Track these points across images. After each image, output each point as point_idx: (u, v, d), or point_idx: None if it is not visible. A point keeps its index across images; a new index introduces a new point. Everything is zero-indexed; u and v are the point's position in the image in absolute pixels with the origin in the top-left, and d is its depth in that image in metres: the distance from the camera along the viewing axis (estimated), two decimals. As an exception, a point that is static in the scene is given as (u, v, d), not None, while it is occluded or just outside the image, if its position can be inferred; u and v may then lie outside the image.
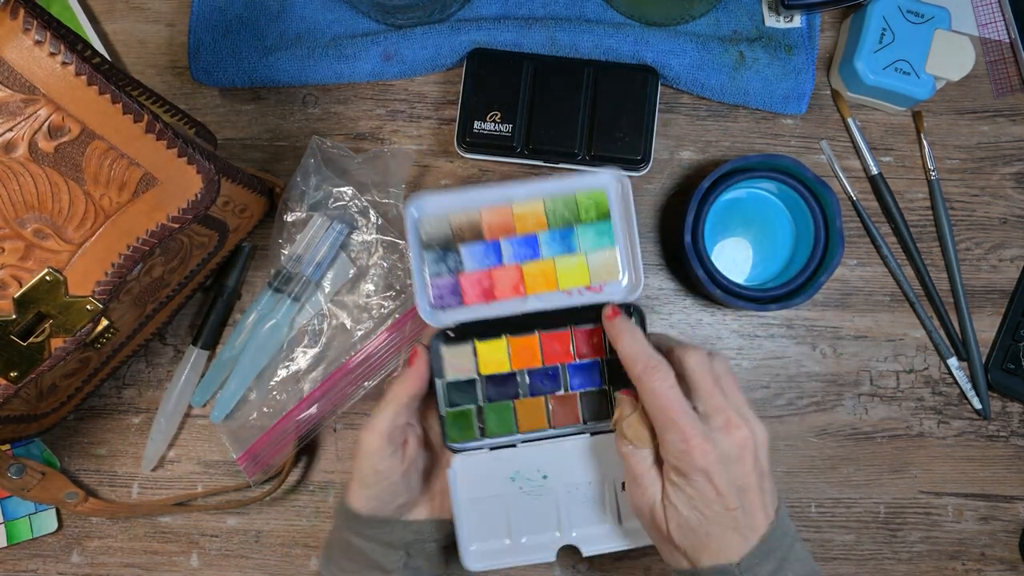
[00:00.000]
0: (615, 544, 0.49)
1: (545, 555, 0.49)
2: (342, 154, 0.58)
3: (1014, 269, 0.60)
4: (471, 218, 0.48)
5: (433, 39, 0.59)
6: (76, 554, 0.59)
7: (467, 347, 0.49)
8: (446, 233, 0.48)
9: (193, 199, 0.42)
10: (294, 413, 0.57)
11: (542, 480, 0.49)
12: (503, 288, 0.49)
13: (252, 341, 0.57)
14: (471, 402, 0.49)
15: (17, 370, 0.43)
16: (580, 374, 0.49)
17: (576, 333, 0.49)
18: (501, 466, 0.49)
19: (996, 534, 0.59)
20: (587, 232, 0.49)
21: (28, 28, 0.37)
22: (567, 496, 0.49)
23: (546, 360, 0.50)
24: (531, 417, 0.49)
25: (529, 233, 0.49)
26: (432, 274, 0.48)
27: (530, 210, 0.49)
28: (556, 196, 0.48)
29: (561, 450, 0.49)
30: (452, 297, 0.48)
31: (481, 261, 0.49)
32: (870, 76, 0.56)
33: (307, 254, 0.57)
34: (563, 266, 0.49)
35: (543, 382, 0.49)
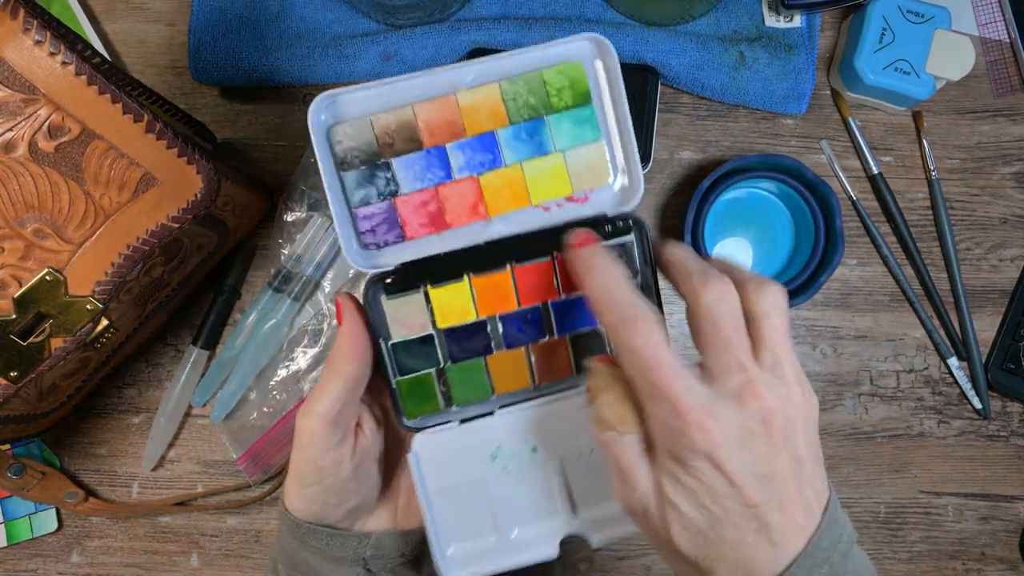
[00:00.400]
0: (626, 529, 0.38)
1: (544, 551, 0.38)
2: (342, 154, 0.58)
3: (1014, 269, 0.60)
4: (402, 118, 0.36)
5: (433, 39, 0.59)
6: (76, 554, 0.59)
7: (416, 296, 0.37)
8: (370, 142, 0.36)
9: (193, 199, 0.42)
10: (294, 413, 0.57)
11: (531, 454, 0.38)
12: (456, 211, 0.37)
13: (252, 341, 0.57)
14: (429, 365, 0.38)
15: (17, 370, 0.43)
16: (568, 313, 0.38)
17: (560, 261, 0.38)
18: (477, 442, 0.38)
19: (996, 534, 0.59)
20: (562, 123, 0.37)
21: (28, 28, 0.37)
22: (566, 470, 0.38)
23: (523, 301, 0.38)
24: (509, 375, 0.38)
25: (484, 132, 0.37)
26: (358, 202, 0.36)
27: (482, 99, 0.36)
28: (515, 77, 0.36)
29: (551, 413, 0.38)
30: (388, 230, 0.36)
31: (422, 177, 0.37)
32: (870, 76, 0.56)
33: (307, 254, 0.57)
34: (534, 172, 0.37)
35: (521, 329, 0.38)
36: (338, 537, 0.38)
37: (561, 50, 0.36)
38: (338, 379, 0.35)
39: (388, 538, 0.39)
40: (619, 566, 0.59)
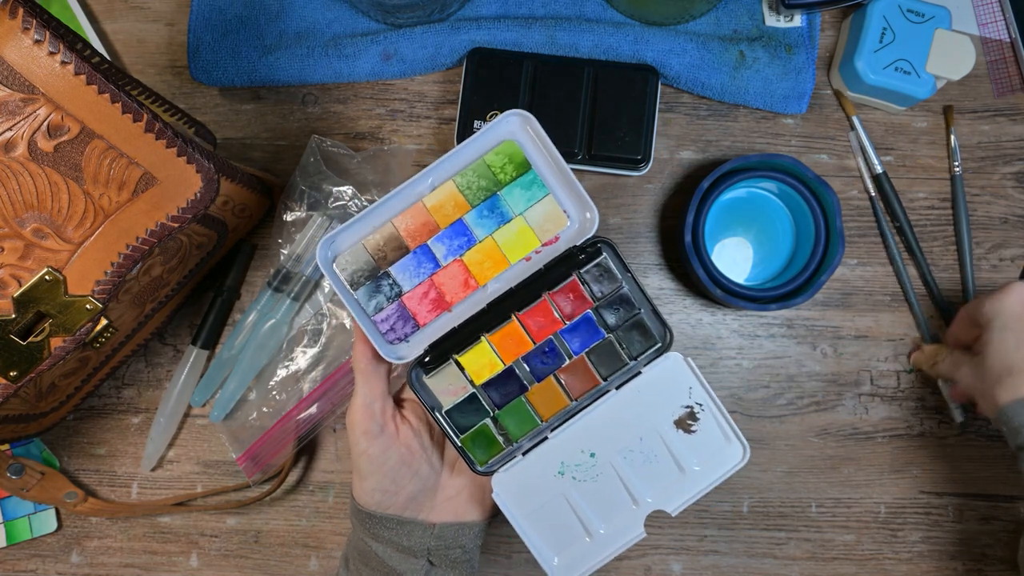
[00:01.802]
0: (694, 491, 0.45)
1: (633, 534, 0.44)
2: (342, 152, 0.58)
3: (1014, 269, 0.60)
4: (386, 234, 0.43)
5: (433, 38, 0.59)
6: (75, 554, 0.59)
7: (450, 367, 0.45)
8: (367, 262, 0.43)
9: (192, 198, 0.42)
10: (294, 413, 0.57)
11: (591, 460, 0.45)
12: (454, 290, 0.44)
13: (252, 341, 0.57)
14: (482, 417, 0.45)
15: (16, 369, 0.43)
16: (577, 335, 0.45)
17: (554, 297, 0.45)
18: (543, 465, 0.45)
19: (996, 534, 0.59)
20: (513, 192, 0.43)
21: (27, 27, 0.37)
22: (624, 464, 0.45)
23: (536, 338, 0.45)
24: (549, 401, 0.45)
25: (454, 221, 0.44)
26: (373, 310, 0.44)
27: (444, 197, 0.43)
28: (465, 169, 0.43)
29: (596, 420, 0.45)
30: (404, 324, 0.44)
31: (417, 273, 0.44)
32: (870, 75, 0.56)
33: (307, 253, 0.57)
34: (504, 238, 0.44)
35: (544, 361, 0.45)
36: (405, 525, 0.44)
37: (493, 134, 0.43)
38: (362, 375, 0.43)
39: (449, 530, 0.44)
40: (619, 566, 0.59)
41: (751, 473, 0.59)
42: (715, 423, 0.45)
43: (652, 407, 0.45)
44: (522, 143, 0.43)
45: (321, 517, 0.59)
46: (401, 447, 0.43)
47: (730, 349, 0.60)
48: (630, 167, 0.58)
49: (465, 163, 0.43)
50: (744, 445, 0.45)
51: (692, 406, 0.45)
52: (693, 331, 0.60)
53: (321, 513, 0.59)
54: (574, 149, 0.57)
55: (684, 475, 0.45)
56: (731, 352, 0.60)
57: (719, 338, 0.60)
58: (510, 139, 0.43)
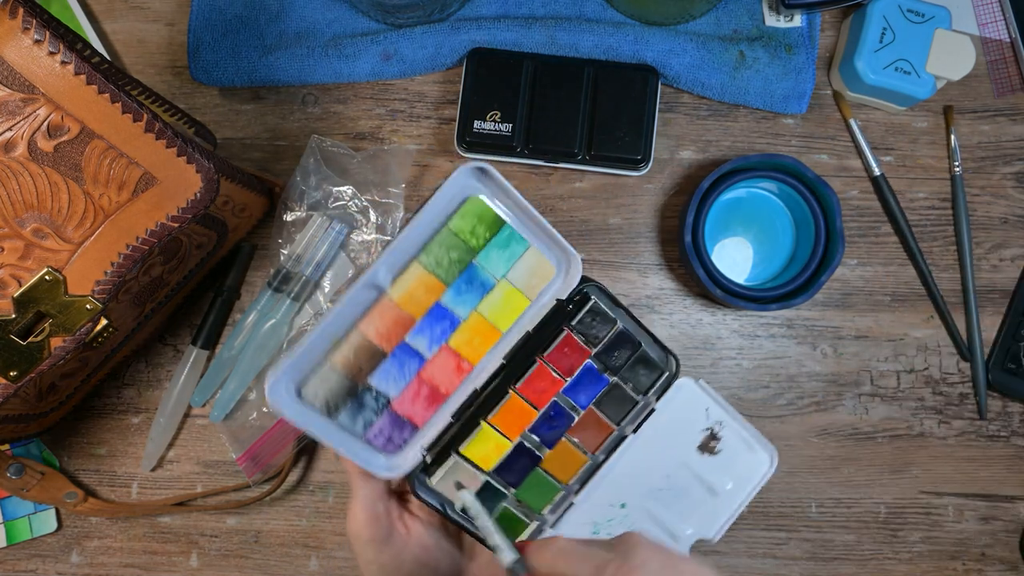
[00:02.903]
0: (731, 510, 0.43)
1: None
2: (342, 152, 0.58)
3: (1014, 269, 0.60)
4: (355, 343, 0.37)
5: (433, 38, 0.59)
6: (75, 554, 0.59)
7: (453, 461, 0.40)
8: (339, 382, 0.37)
9: (192, 198, 0.42)
10: (294, 413, 0.57)
11: (623, 511, 0.43)
12: (447, 379, 0.39)
13: (252, 341, 0.57)
14: (500, 500, 0.41)
15: (16, 369, 0.43)
16: (581, 388, 0.42)
17: (549, 358, 0.41)
18: (575, 531, 0.42)
19: (996, 534, 0.59)
20: (490, 256, 0.38)
21: (27, 27, 0.37)
22: (656, 505, 0.43)
23: (539, 404, 0.41)
24: (566, 464, 0.42)
25: (430, 307, 0.38)
26: (362, 430, 0.38)
27: (412, 284, 0.37)
28: (428, 246, 0.37)
29: (619, 469, 0.42)
30: (400, 432, 0.38)
31: (402, 375, 0.38)
32: (870, 75, 0.56)
33: (307, 254, 0.57)
34: (490, 309, 0.39)
35: (552, 426, 0.41)
36: None
37: (451, 196, 0.37)
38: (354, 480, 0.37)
39: None
40: (619, 566, 0.59)
41: (751, 473, 0.59)
42: (738, 438, 0.44)
43: (673, 439, 0.43)
44: (487, 198, 0.38)
45: (321, 517, 0.59)
46: (415, 548, 0.38)
47: (730, 349, 0.60)
48: (630, 167, 0.58)
49: (425, 238, 0.37)
50: (770, 451, 0.44)
51: (712, 427, 0.44)
52: (693, 331, 0.60)
53: (321, 513, 0.59)
54: (574, 149, 0.57)
55: (718, 497, 0.44)
56: (731, 352, 0.60)
57: (719, 338, 0.60)
58: (473, 196, 0.37)
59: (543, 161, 0.58)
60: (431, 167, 0.61)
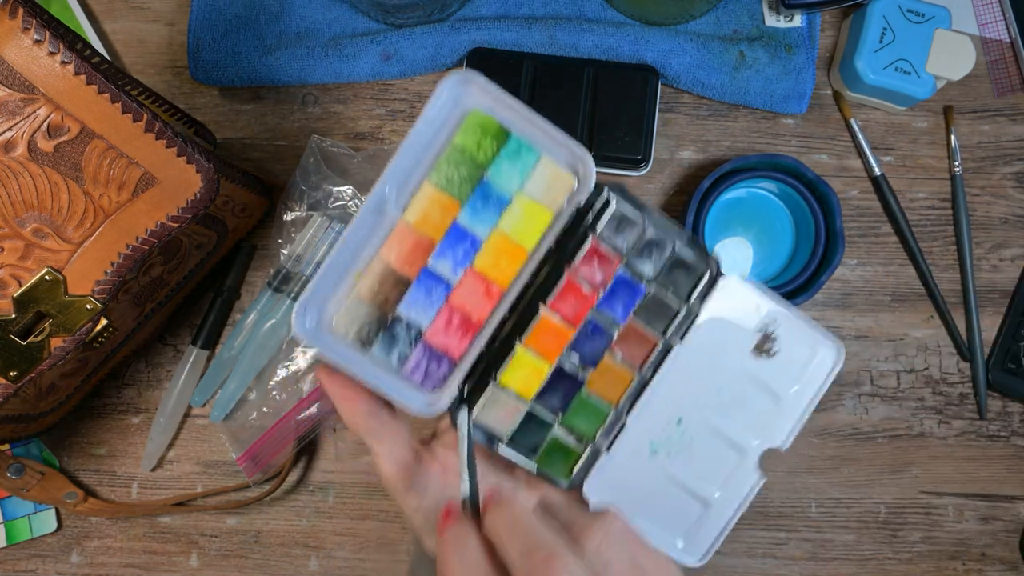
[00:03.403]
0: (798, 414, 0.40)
1: (749, 484, 0.40)
2: (342, 152, 0.58)
3: (1014, 269, 0.60)
4: (377, 271, 0.36)
5: (433, 38, 0.59)
6: (75, 554, 0.59)
7: (493, 392, 0.38)
8: (369, 313, 0.36)
9: (192, 198, 0.42)
10: (294, 413, 0.57)
11: (679, 427, 0.40)
12: (477, 307, 0.37)
13: (251, 341, 0.57)
14: (547, 430, 0.39)
15: (16, 369, 0.43)
16: (617, 300, 0.39)
17: (576, 270, 0.38)
18: (632, 453, 0.40)
19: (996, 534, 0.59)
20: (501, 169, 0.36)
21: (27, 27, 0.37)
22: (716, 416, 0.40)
23: (575, 322, 0.38)
24: (612, 383, 0.39)
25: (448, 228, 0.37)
26: (397, 364, 0.36)
27: (425, 204, 0.36)
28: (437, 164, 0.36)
29: (669, 383, 0.39)
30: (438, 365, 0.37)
31: (430, 303, 0.37)
32: (870, 75, 0.56)
33: (307, 254, 0.57)
34: (512, 225, 0.37)
35: (591, 343, 0.38)
36: None
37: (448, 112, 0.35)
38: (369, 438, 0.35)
39: None
40: (619, 566, 0.59)
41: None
42: (796, 334, 0.40)
43: (724, 344, 0.40)
44: (489, 109, 0.36)
45: (321, 517, 0.59)
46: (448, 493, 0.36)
47: (730, 349, 0.60)
48: (630, 167, 0.58)
49: (432, 156, 0.36)
50: (836, 343, 0.40)
51: (767, 325, 0.40)
52: (693, 331, 0.60)
53: (321, 513, 0.59)
54: (574, 149, 0.57)
55: (781, 403, 0.40)
56: (731, 352, 0.60)
57: (719, 338, 0.60)
58: (474, 109, 0.36)
59: (543, 161, 0.58)
60: (431, 167, 0.61)
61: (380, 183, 0.35)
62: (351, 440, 0.59)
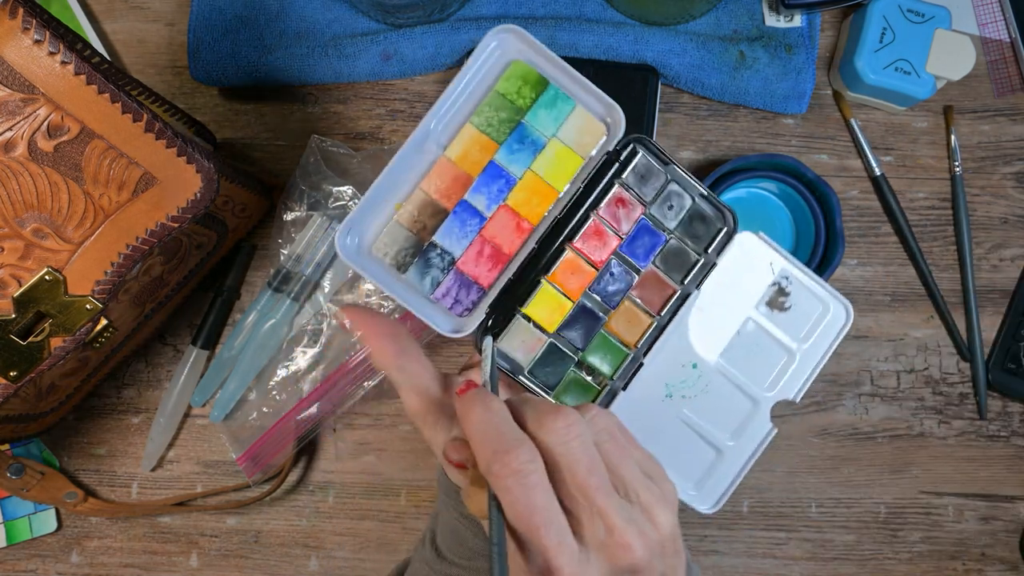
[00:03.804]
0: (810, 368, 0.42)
1: (763, 432, 0.42)
2: (342, 152, 0.58)
3: (1014, 269, 0.60)
4: (417, 201, 0.39)
5: (433, 38, 0.59)
6: (75, 554, 0.59)
7: (517, 322, 0.41)
8: (407, 237, 0.39)
9: (192, 198, 0.42)
10: (294, 413, 0.57)
11: (695, 372, 0.42)
12: (509, 238, 0.40)
13: (251, 341, 0.57)
14: (567, 364, 0.41)
15: (16, 369, 0.43)
16: (638, 246, 0.41)
17: (602, 215, 0.41)
18: (647, 393, 0.42)
19: (996, 534, 0.59)
20: (538, 115, 0.40)
21: (27, 27, 0.37)
22: (729, 364, 0.42)
23: (597, 264, 0.41)
24: (631, 325, 0.42)
25: (485, 166, 0.40)
26: (430, 288, 0.40)
27: (466, 143, 0.39)
28: (479, 107, 0.39)
29: (686, 329, 0.42)
30: (468, 292, 0.40)
31: (464, 233, 0.40)
32: (870, 75, 0.56)
33: (306, 254, 0.57)
34: (544, 167, 0.40)
35: (613, 285, 0.41)
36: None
37: (493, 60, 0.39)
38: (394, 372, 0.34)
39: None
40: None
41: (751, 473, 0.59)
42: (808, 292, 0.43)
43: (739, 296, 0.42)
44: (530, 60, 0.39)
45: (321, 517, 0.59)
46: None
47: (730, 349, 0.60)
48: (630, 167, 0.58)
49: (476, 100, 0.39)
50: (845, 304, 0.43)
51: (779, 282, 0.43)
52: (693, 331, 0.60)
53: (321, 513, 0.59)
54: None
55: (794, 356, 0.42)
56: (731, 352, 0.60)
57: (719, 338, 0.60)
58: (516, 59, 0.39)
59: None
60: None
61: (425, 120, 0.38)
62: (351, 440, 0.59)
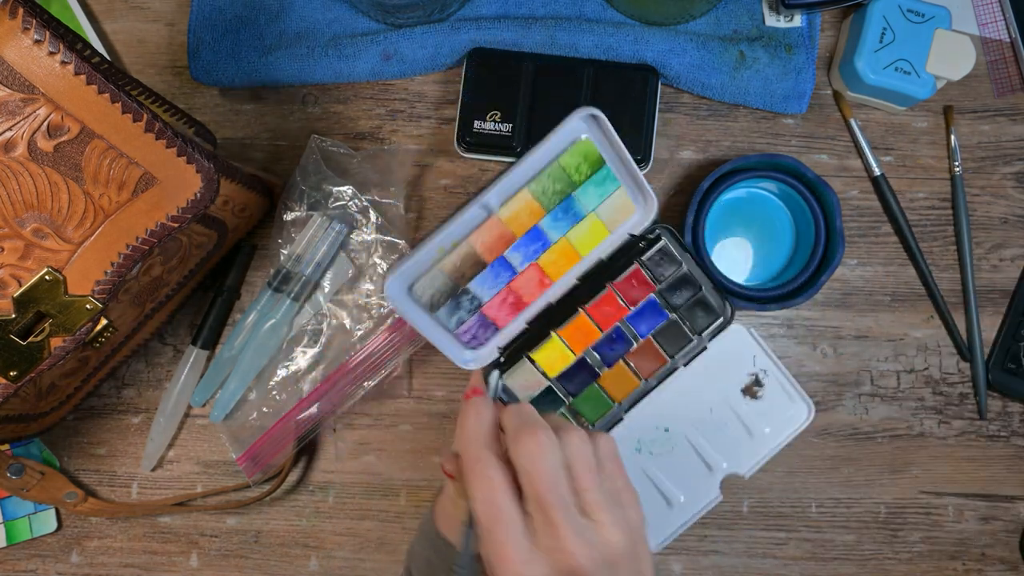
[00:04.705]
0: (765, 451, 0.49)
1: (710, 497, 0.49)
2: (342, 152, 0.58)
3: (1014, 269, 0.60)
4: (464, 253, 0.45)
5: (433, 38, 0.59)
6: (75, 554, 0.59)
7: (524, 364, 0.47)
8: (445, 283, 0.46)
9: (192, 198, 0.42)
10: (294, 413, 0.57)
11: (666, 435, 0.48)
12: (530, 291, 0.47)
13: (251, 341, 0.57)
14: (558, 406, 0.47)
15: (16, 369, 0.43)
16: (643, 319, 0.48)
17: (618, 286, 0.47)
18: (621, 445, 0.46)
19: (996, 534, 0.59)
20: (588, 190, 0.45)
21: (27, 27, 0.37)
22: (696, 434, 0.48)
23: (604, 327, 0.47)
24: (620, 384, 0.48)
25: (530, 229, 0.45)
26: (455, 326, 0.46)
27: (519, 207, 0.45)
28: (539, 176, 0.44)
29: (667, 397, 0.48)
30: (485, 331, 0.47)
31: (495, 284, 0.46)
32: (870, 76, 0.56)
33: (306, 254, 0.57)
34: (577, 236, 0.46)
35: (613, 348, 0.47)
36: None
37: (565, 137, 0.43)
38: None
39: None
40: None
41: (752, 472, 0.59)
42: (780, 387, 0.48)
43: (719, 378, 0.47)
44: (596, 141, 0.44)
45: (321, 517, 0.59)
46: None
47: (730, 349, 0.60)
48: (630, 167, 0.58)
49: (540, 169, 0.44)
50: (809, 404, 0.47)
51: (757, 373, 0.48)
52: (693, 331, 0.60)
53: (321, 513, 0.59)
54: (574, 149, 0.57)
55: (754, 438, 0.48)
56: (731, 352, 0.60)
57: (719, 338, 0.60)
58: (586, 138, 0.44)
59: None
60: (431, 167, 0.61)
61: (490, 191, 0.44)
62: (351, 440, 0.59)
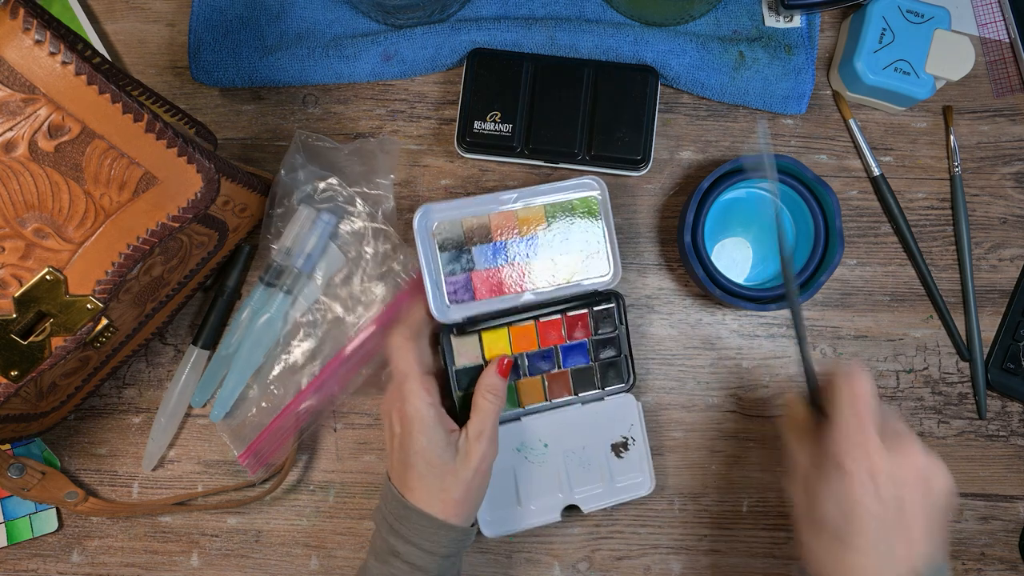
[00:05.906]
0: (610, 499, 0.55)
1: (551, 516, 0.55)
2: (328, 147, 0.58)
3: (1014, 269, 0.60)
4: (482, 222, 0.54)
5: (433, 39, 0.59)
6: (76, 554, 0.59)
7: (474, 338, 0.54)
8: (459, 236, 0.53)
9: (193, 198, 0.42)
10: (293, 406, 0.57)
11: (544, 448, 0.56)
12: (510, 284, 0.54)
13: (247, 337, 0.57)
14: (472, 384, 0.53)
15: (17, 369, 0.43)
16: (571, 354, 0.56)
17: (567, 319, 0.55)
18: (508, 439, 0.55)
19: (996, 534, 0.59)
20: (579, 230, 0.55)
21: (28, 28, 0.37)
22: (566, 461, 0.56)
23: (542, 343, 0.55)
24: (531, 393, 0.55)
25: (531, 233, 0.54)
26: (447, 272, 0.53)
27: (531, 213, 0.54)
28: (555, 203, 0.54)
29: (558, 420, 0.56)
30: (465, 293, 0.54)
31: (491, 260, 0.54)
32: (870, 76, 0.56)
33: (296, 246, 0.57)
34: (561, 263, 0.55)
35: (540, 363, 0.55)
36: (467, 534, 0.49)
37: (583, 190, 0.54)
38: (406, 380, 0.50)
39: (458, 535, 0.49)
40: (619, 565, 0.59)
41: (751, 473, 0.59)
42: (639, 457, 0.56)
43: (601, 427, 0.56)
44: (599, 201, 0.55)
45: (322, 517, 0.59)
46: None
47: (730, 349, 0.60)
48: (630, 167, 0.58)
49: (558, 197, 0.54)
50: (651, 483, 0.56)
51: (628, 439, 0.56)
52: (692, 331, 0.60)
53: (322, 513, 0.59)
54: (574, 149, 0.57)
55: (605, 487, 0.56)
56: (731, 352, 0.60)
57: (718, 338, 0.60)
58: (595, 196, 0.55)
59: (543, 161, 0.58)
60: (431, 167, 0.61)
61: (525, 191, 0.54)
62: (351, 440, 0.60)
